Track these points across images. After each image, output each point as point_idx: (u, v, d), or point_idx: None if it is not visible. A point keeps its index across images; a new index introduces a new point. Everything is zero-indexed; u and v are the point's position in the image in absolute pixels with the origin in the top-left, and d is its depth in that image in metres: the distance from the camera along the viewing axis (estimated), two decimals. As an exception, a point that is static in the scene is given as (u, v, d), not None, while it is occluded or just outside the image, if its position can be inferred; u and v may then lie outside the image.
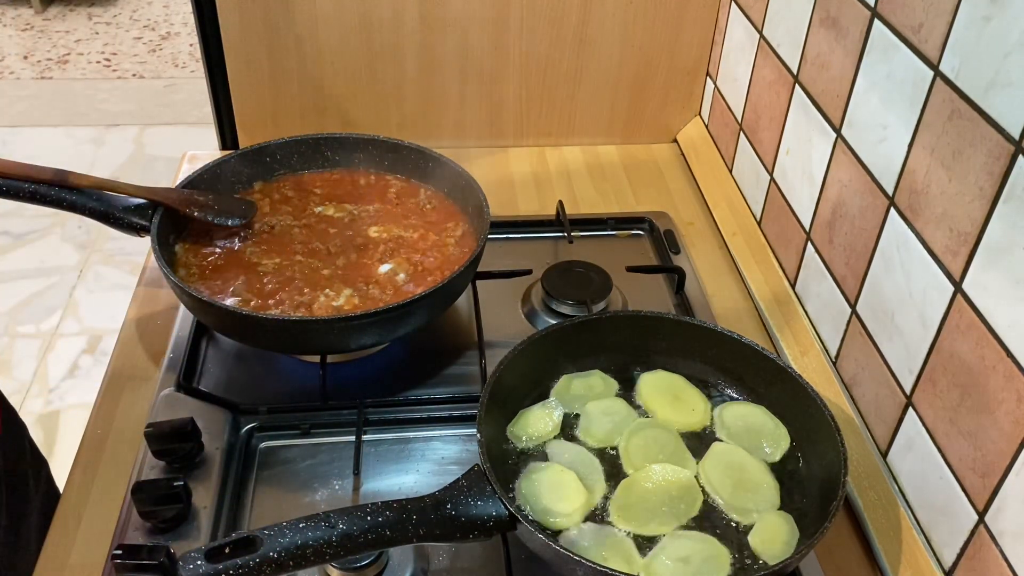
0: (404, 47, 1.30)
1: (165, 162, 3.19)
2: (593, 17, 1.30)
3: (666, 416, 0.87)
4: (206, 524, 0.82)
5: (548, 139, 1.42)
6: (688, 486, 0.80)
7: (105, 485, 0.88)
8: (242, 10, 1.24)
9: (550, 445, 0.84)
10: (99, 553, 0.82)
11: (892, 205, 0.84)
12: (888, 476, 0.85)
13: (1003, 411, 0.68)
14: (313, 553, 0.67)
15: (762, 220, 1.17)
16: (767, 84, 1.14)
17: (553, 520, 0.77)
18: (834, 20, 0.95)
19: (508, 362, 0.85)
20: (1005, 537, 0.69)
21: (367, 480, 0.88)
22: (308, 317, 0.90)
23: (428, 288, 0.90)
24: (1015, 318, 0.67)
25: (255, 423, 0.93)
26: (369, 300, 0.95)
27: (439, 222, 1.06)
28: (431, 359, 1.01)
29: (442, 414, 0.95)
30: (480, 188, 1.03)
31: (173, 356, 0.99)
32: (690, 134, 1.42)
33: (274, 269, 0.99)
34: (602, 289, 1.06)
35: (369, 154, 1.13)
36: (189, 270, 0.98)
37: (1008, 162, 0.67)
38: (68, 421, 2.27)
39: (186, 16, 4.23)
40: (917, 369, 0.80)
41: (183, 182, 1.03)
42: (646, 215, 1.24)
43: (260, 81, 1.31)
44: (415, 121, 1.37)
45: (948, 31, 0.74)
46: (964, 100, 0.72)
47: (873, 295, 0.89)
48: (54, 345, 2.50)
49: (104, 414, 0.95)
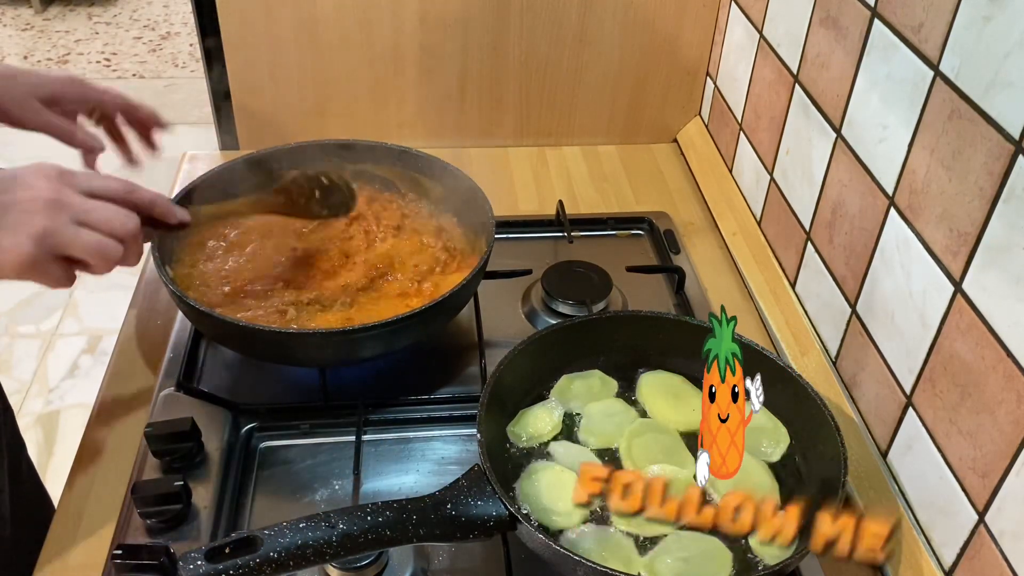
0: (404, 47, 1.30)
1: (165, 162, 3.17)
2: (593, 17, 1.30)
3: (666, 416, 0.87)
4: (206, 524, 0.82)
5: (548, 139, 1.42)
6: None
7: (105, 485, 0.88)
8: (242, 10, 1.25)
9: (550, 445, 0.84)
10: (99, 553, 0.81)
11: (892, 205, 0.84)
12: (888, 476, 0.85)
13: (1003, 411, 0.68)
14: (313, 553, 0.67)
15: (762, 220, 1.17)
16: (767, 84, 1.14)
17: (553, 520, 0.77)
18: (834, 20, 0.95)
19: (508, 362, 0.85)
20: (1005, 537, 0.69)
21: (367, 480, 0.88)
22: (305, 330, 0.90)
23: (427, 302, 0.90)
24: (1015, 318, 0.67)
25: (255, 423, 0.93)
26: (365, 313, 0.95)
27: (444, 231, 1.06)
28: (431, 359, 1.01)
29: (442, 414, 0.95)
30: (486, 199, 1.02)
31: (173, 356, 0.99)
32: (690, 134, 1.42)
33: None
34: (602, 289, 1.06)
35: (376, 160, 1.11)
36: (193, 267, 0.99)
37: (1008, 162, 0.67)
38: (68, 421, 2.27)
39: (186, 16, 4.23)
40: (917, 369, 0.80)
41: (188, 185, 1.02)
42: (646, 215, 1.24)
43: (260, 81, 1.31)
44: (415, 121, 1.37)
45: (948, 31, 0.74)
46: (964, 100, 0.72)
47: (873, 295, 0.89)
48: (54, 345, 2.50)
49: (104, 414, 0.95)
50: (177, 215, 0.83)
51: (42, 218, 0.71)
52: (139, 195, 0.80)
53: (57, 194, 0.72)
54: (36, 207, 0.71)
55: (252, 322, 0.92)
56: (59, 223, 0.71)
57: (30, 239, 0.70)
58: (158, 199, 0.81)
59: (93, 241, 0.73)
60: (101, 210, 0.74)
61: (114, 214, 0.75)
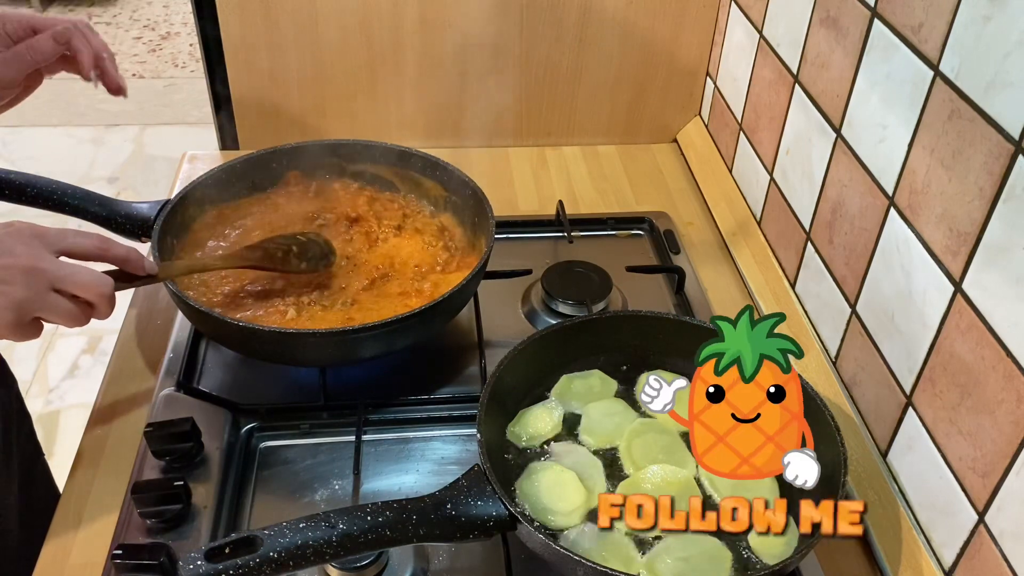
0: (404, 47, 1.30)
1: (165, 162, 3.18)
2: (593, 17, 1.30)
3: (666, 416, 0.87)
4: (206, 524, 0.82)
5: (548, 139, 1.42)
6: (688, 486, 0.80)
7: (105, 485, 0.88)
8: (242, 10, 1.24)
9: (550, 445, 0.84)
10: (99, 553, 0.81)
11: (892, 205, 0.84)
12: (888, 476, 0.85)
13: (1003, 411, 0.68)
14: (313, 553, 0.67)
15: (762, 220, 1.17)
16: (767, 84, 1.14)
17: (553, 520, 0.77)
18: (834, 20, 0.95)
19: (508, 362, 0.85)
20: (1005, 537, 0.69)
21: (367, 480, 0.88)
22: (305, 330, 0.89)
23: (427, 303, 0.90)
24: (1015, 318, 0.67)
25: (255, 423, 0.93)
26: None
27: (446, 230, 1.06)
28: (431, 359, 1.01)
29: (442, 414, 0.95)
30: (486, 199, 1.02)
31: (173, 356, 0.99)
32: (690, 134, 1.42)
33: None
34: (602, 289, 1.06)
35: (376, 160, 1.11)
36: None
37: (1008, 162, 0.67)
38: (68, 421, 2.27)
39: (186, 16, 4.23)
40: (917, 369, 0.80)
41: (188, 185, 1.02)
42: (646, 215, 1.24)
43: (260, 81, 1.31)
44: (415, 121, 1.37)
45: (948, 31, 0.74)
46: (964, 100, 0.72)
47: (873, 295, 0.89)
48: (54, 345, 2.50)
49: (104, 414, 0.95)
50: (146, 268, 0.85)
51: (21, 288, 0.73)
52: (113, 252, 0.81)
53: (34, 261, 0.74)
54: (14, 276, 0.72)
55: (252, 322, 0.92)
56: (37, 291, 0.74)
57: (9, 309, 0.72)
58: (131, 254, 0.83)
59: (67, 308, 0.76)
60: (77, 276, 0.76)
61: (89, 279, 0.77)
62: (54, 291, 0.75)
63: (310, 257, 0.99)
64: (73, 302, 0.76)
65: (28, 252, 0.74)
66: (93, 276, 0.77)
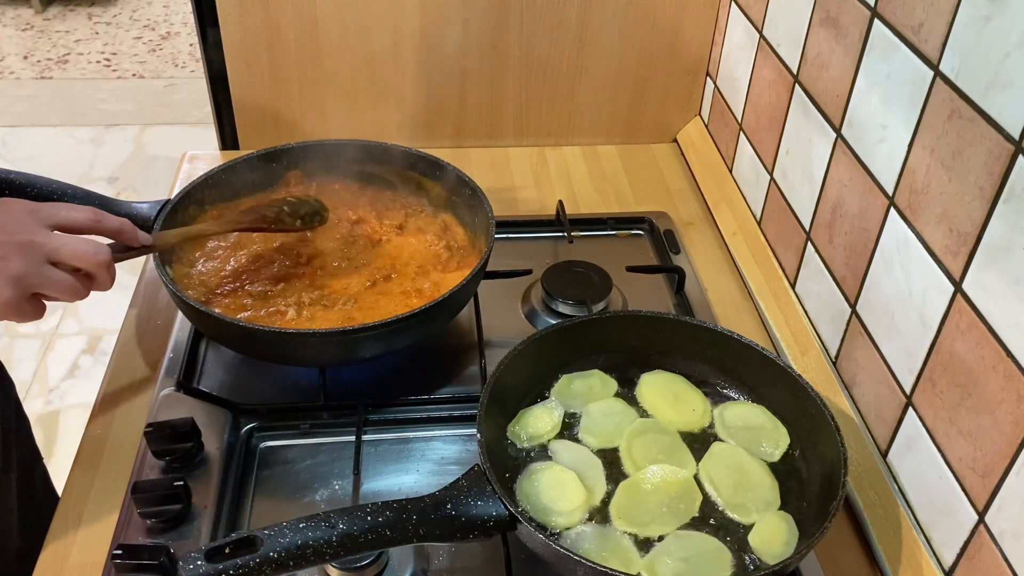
0: (404, 47, 1.30)
1: (165, 162, 3.18)
2: (593, 17, 1.30)
3: (666, 416, 0.87)
4: (206, 524, 0.82)
5: (548, 139, 1.42)
6: (687, 486, 0.80)
7: (105, 485, 0.88)
8: (242, 10, 1.24)
9: (550, 445, 0.84)
10: (99, 553, 0.81)
11: (892, 205, 0.84)
12: (888, 476, 0.85)
13: (1003, 411, 0.68)
14: (313, 553, 0.67)
15: (762, 220, 1.17)
16: (767, 84, 1.14)
17: (553, 520, 0.77)
18: (834, 20, 0.95)
19: (508, 362, 0.85)
20: (1005, 537, 0.69)
21: (367, 480, 0.88)
22: (305, 330, 0.89)
23: (427, 302, 0.90)
24: (1015, 318, 0.67)
25: (255, 423, 0.93)
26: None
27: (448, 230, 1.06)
28: (431, 359, 1.01)
29: (442, 414, 0.95)
30: (486, 199, 1.02)
31: (173, 356, 0.99)
32: (690, 134, 1.42)
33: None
34: (602, 289, 1.06)
35: (376, 160, 1.11)
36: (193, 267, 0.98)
37: (1008, 162, 0.67)
38: (68, 421, 2.27)
39: (186, 16, 4.23)
40: (917, 369, 0.80)
41: (188, 185, 1.02)
42: (646, 215, 1.24)
43: (260, 81, 1.31)
44: (415, 121, 1.37)
45: (948, 31, 0.74)
46: (964, 100, 0.72)
47: (873, 295, 0.89)
48: (54, 345, 2.50)
49: (104, 414, 0.95)
50: (140, 239, 0.85)
51: (17, 262, 0.72)
52: (106, 224, 0.81)
53: (29, 235, 0.74)
54: (10, 251, 0.72)
55: (252, 322, 0.92)
56: (33, 265, 0.73)
57: (8, 285, 0.72)
58: (124, 225, 0.83)
59: (66, 280, 0.76)
60: (72, 245, 0.76)
61: (84, 248, 0.76)
62: (51, 264, 0.74)
63: (303, 215, 1.00)
64: (72, 275, 0.76)
65: (22, 227, 0.74)
66: (89, 245, 0.77)
